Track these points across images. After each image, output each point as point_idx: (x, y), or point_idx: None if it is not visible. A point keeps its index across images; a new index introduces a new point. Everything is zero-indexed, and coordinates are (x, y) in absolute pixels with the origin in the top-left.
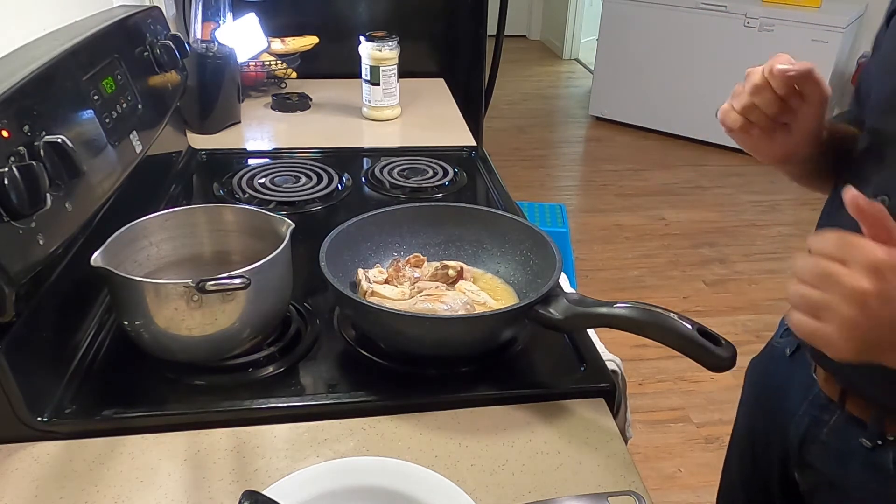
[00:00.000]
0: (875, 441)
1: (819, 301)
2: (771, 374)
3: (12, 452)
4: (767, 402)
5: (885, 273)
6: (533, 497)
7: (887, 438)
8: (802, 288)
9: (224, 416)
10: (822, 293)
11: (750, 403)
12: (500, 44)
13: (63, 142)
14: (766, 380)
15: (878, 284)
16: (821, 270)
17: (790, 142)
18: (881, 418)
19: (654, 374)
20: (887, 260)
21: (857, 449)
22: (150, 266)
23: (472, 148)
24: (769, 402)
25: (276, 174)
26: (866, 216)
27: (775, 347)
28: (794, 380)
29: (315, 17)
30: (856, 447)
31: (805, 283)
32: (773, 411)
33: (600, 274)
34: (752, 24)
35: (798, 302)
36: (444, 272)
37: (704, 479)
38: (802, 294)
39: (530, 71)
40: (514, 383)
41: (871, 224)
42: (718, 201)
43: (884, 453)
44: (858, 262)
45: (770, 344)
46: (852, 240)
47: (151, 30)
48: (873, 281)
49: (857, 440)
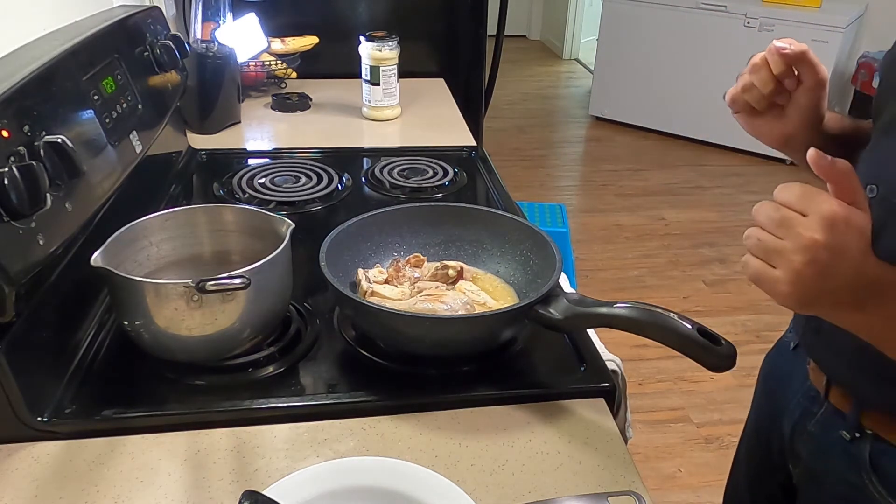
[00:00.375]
0: (853, 433)
1: (772, 245)
2: (777, 368)
3: (12, 452)
4: (772, 396)
5: (839, 226)
6: (533, 497)
7: (865, 431)
8: (759, 232)
9: (224, 416)
10: (775, 238)
11: (759, 398)
12: (500, 44)
13: (63, 142)
14: (773, 374)
15: (830, 237)
16: (779, 217)
17: (788, 123)
18: (859, 411)
19: (654, 374)
20: (843, 213)
21: (837, 441)
22: (150, 266)
23: (472, 148)
24: (773, 396)
25: (276, 174)
26: (831, 174)
27: (783, 341)
28: (794, 373)
29: (315, 17)
30: (836, 439)
31: (762, 227)
32: (775, 404)
33: (600, 274)
34: (752, 24)
35: (752, 245)
36: (444, 272)
37: (704, 479)
38: (758, 237)
39: (530, 71)
40: (514, 383)
41: (837, 181)
42: (718, 201)
43: (860, 446)
44: (815, 212)
45: (780, 339)
46: (813, 192)
47: (151, 30)
48: (826, 233)
49: (837, 432)
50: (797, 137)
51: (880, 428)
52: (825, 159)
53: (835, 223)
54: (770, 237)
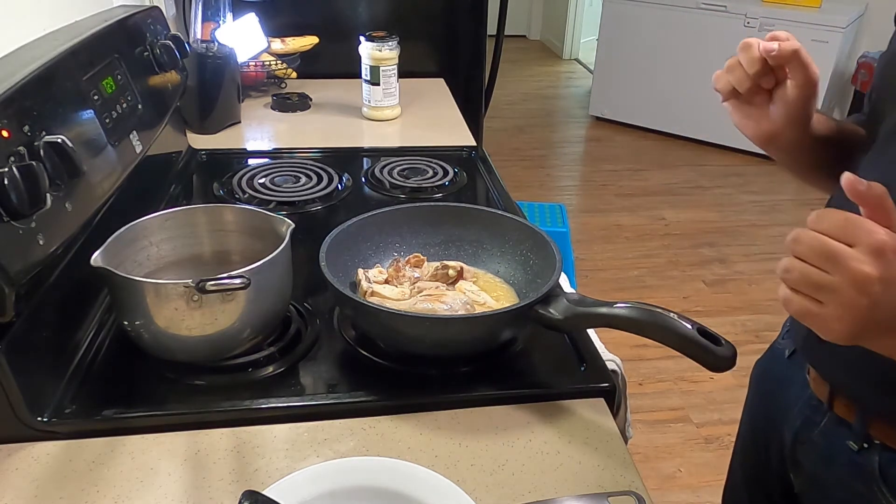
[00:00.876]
0: (861, 444)
1: (820, 281)
2: (771, 375)
3: (12, 452)
4: (767, 402)
5: (889, 256)
6: (533, 497)
7: (873, 441)
8: (802, 266)
9: (224, 416)
10: (824, 274)
11: (753, 404)
12: (500, 44)
13: (63, 142)
14: (766, 380)
15: (883, 269)
16: (825, 250)
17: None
18: (866, 420)
19: (654, 374)
20: (891, 243)
21: (843, 450)
22: (150, 266)
23: (472, 148)
24: (769, 402)
25: (276, 174)
26: (867, 199)
27: (776, 348)
28: (792, 380)
29: (315, 17)
30: (842, 449)
31: (805, 260)
32: (772, 411)
33: (600, 274)
34: (752, 24)
35: (797, 280)
36: (444, 272)
37: (704, 479)
38: (803, 272)
39: (530, 71)
40: (514, 383)
41: (873, 207)
42: (718, 201)
43: (869, 456)
44: (864, 244)
45: (773, 345)
46: (858, 221)
47: (151, 30)
48: (878, 265)
49: (843, 442)
50: (783, 135)
51: (889, 438)
52: (861, 184)
53: (885, 253)
54: (816, 272)
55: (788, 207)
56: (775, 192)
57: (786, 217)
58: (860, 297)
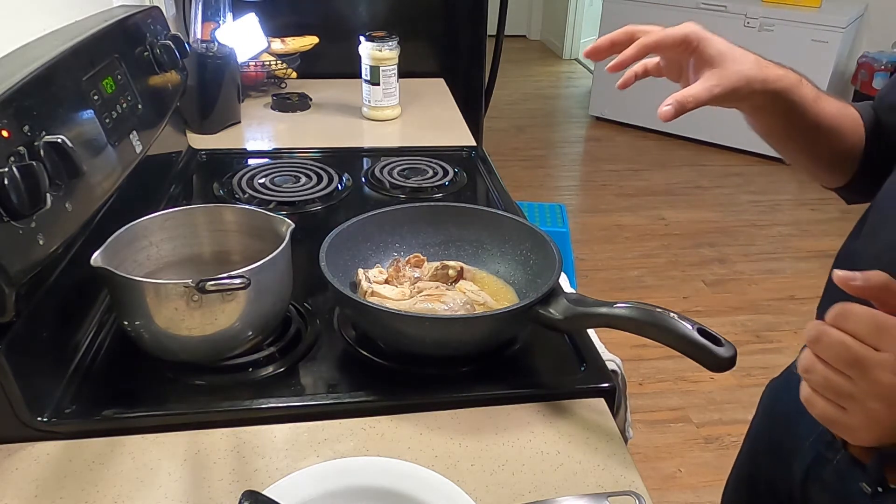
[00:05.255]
0: (875, 487)
1: (844, 389)
2: (784, 403)
3: (12, 452)
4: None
5: None
6: (533, 497)
7: (888, 486)
8: (824, 370)
9: (224, 416)
10: (848, 383)
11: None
12: (500, 44)
13: (63, 142)
14: (778, 407)
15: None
16: (852, 357)
17: None
18: (882, 463)
19: (654, 374)
20: None
21: (857, 493)
22: (150, 266)
23: (472, 148)
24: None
25: (276, 174)
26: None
27: (792, 375)
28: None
29: (315, 17)
30: (856, 491)
31: (827, 363)
32: (782, 441)
33: (600, 274)
34: (752, 24)
35: (820, 384)
36: (444, 272)
37: (704, 479)
38: (826, 378)
39: (530, 71)
40: (514, 383)
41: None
42: (718, 201)
43: (884, 501)
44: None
45: (788, 369)
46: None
47: (151, 30)
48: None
49: (857, 484)
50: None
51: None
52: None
53: None
54: (840, 379)
55: (788, 207)
56: (775, 192)
57: (786, 217)
58: (886, 408)
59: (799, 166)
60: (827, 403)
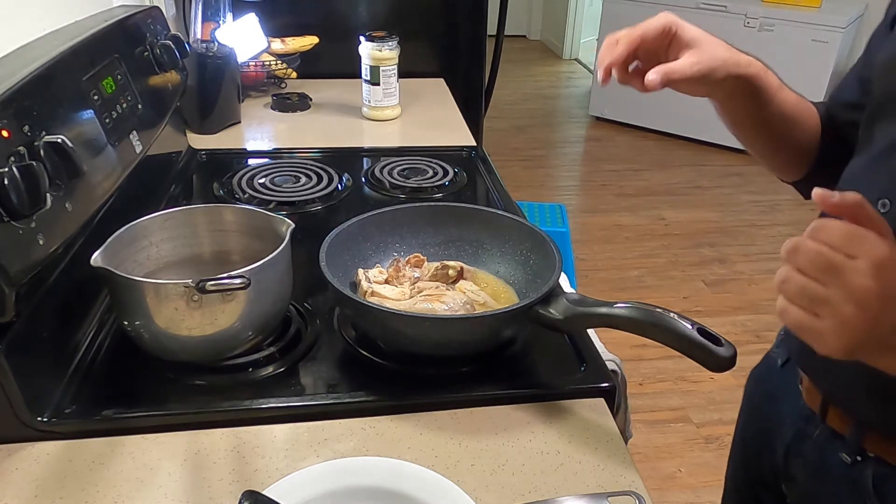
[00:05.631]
0: (854, 457)
1: (818, 294)
2: (765, 385)
3: (12, 452)
4: (760, 413)
5: (890, 269)
6: (533, 497)
7: (867, 455)
8: (800, 278)
9: (224, 416)
10: (823, 287)
11: (746, 414)
12: (500, 44)
13: (63, 142)
14: (759, 390)
15: (884, 284)
16: (824, 262)
17: None
18: (860, 433)
19: (654, 374)
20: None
21: (836, 464)
22: (150, 266)
23: (472, 148)
24: (761, 413)
25: (276, 174)
26: (843, 210)
27: (770, 357)
28: (785, 391)
29: (315, 17)
30: (835, 462)
31: (804, 272)
32: (765, 422)
33: (600, 274)
34: (752, 24)
35: (793, 291)
36: (444, 272)
37: (704, 479)
38: (801, 285)
39: (530, 71)
40: (514, 383)
41: (854, 216)
42: (718, 201)
43: (863, 470)
44: (866, 256)
45: (767, 354)
46: (859, 233)
47: (151, 30)
48: (879, 279)
49: (836, 455)
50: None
51: (884, 451)
52: (832, 196)
53: (886, 267)
54: (815, 285)
55: (788, 207)
56: (775, 192)
57: (786, 217)
58: (859, 312)
59: (762, 158)
60: (800, 311)
